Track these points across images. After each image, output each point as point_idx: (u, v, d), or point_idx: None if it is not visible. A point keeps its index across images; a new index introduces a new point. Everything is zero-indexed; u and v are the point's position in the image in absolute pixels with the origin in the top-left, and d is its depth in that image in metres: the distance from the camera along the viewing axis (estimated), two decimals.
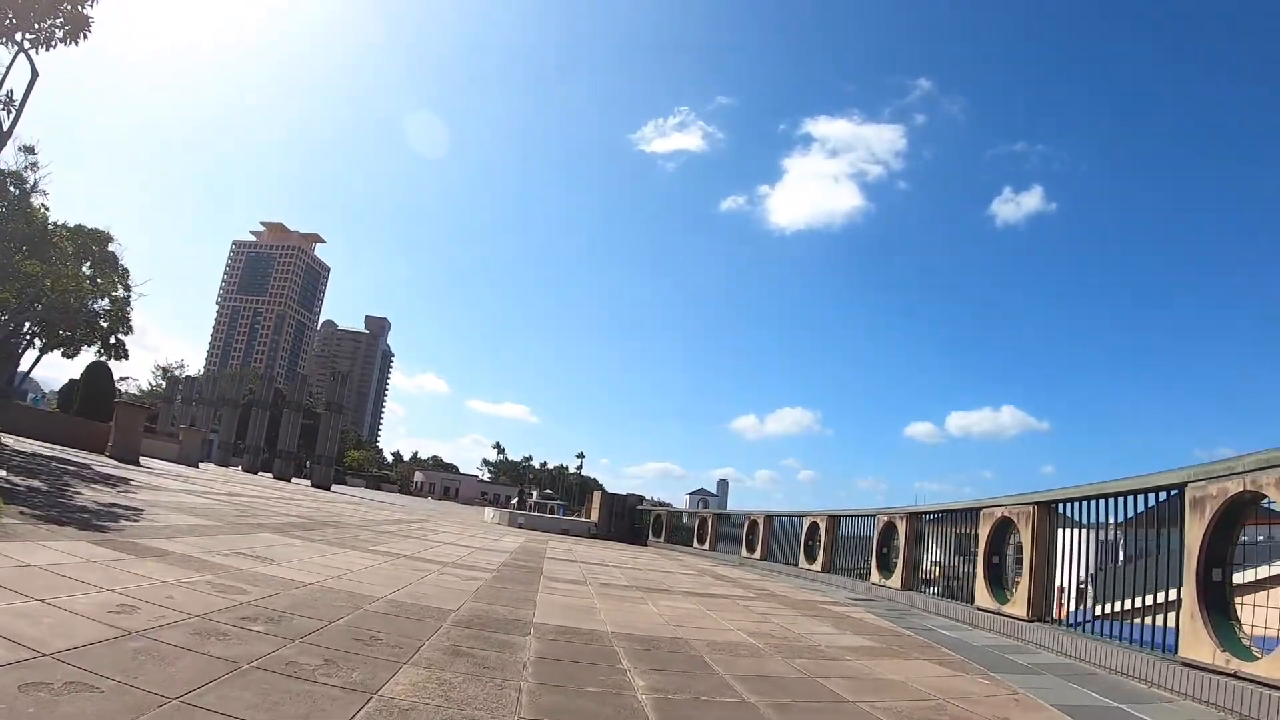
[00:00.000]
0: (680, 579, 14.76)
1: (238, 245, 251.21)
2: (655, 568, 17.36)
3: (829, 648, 8.00)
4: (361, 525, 16.51)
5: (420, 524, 21.19)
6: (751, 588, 14.63)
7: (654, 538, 32.02)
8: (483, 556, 13.38)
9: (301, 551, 9.82)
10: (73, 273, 16.78)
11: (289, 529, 12.56)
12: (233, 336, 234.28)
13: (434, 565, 10.67)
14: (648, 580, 13.47)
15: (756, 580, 16.95)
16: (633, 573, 14.75)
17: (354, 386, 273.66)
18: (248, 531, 11.13)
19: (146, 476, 19.37)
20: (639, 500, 35.09)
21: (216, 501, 15.80)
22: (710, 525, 27.82)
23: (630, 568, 16.16)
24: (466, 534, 19.90)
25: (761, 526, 24.16)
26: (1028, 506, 10.63)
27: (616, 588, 11.44)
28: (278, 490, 28.07)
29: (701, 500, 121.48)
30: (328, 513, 19.24)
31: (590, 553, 19.75)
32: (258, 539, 10.39)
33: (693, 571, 17.45)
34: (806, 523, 21.38)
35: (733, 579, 16.55)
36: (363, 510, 24.19)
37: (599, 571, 13.94)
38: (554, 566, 13.50)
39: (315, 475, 45.44)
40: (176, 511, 11.97)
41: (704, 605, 10.54)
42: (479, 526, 26.17)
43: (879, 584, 16.04)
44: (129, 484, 15.68)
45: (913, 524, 15.43)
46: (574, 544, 23.18)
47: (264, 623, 5.29)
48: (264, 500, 19.66)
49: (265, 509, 16.26)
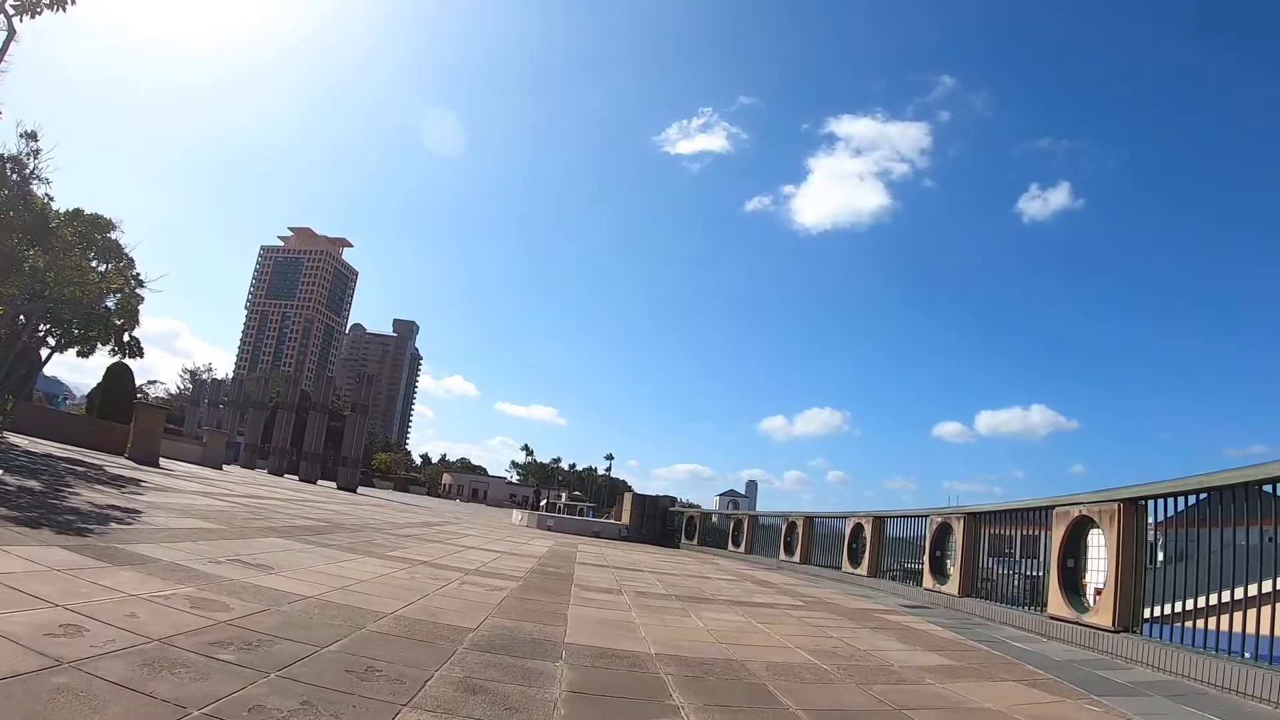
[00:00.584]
0: (720, 585, 13.71)
1: (266, 250, 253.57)
2: (692, 573, 16.33)
3: (903, 668, 6.92)
4: (382, 529, 15.64)
5: (445, 527, 20.32)
6: (798, 595, 13.54)
7: (686, 540, 30.96)
8: (509, 562, 12.42)
9: (308, 558, 8.91)
10: (76, 263, 16.07)
11: (301, 533, 11.68)
12: (262, 341, 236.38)
13: (455, 573, 9.72)
14: (686, 588, 12.43)
15: (801, 586, 15.87)
16: (669, 579, 13.72)
17: (383, 390, 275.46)
18: (253, 536, 10.26)
19: (161, 478, 18.68)
20: (671, 502, 34.04)
21: (229, 504, 15.01)
22: (746, 527, 26.71)
23: (666, 573, 15.14)
24: (493, 537, 18.99)
25: (801, 528, 23.03)
26: (1112, 504, 9.53)
27: (654, 597, 10.42)
28: (300, 492, 27.39)
29: (731, 501, 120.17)
30: (348, 515, 18.42)
31: (623, 556, 18.76)
32: (262, 544, 9.51)
33: (731, 577, 16.39)
34: (849, 524, 20.24)
35: (775, 585, 15.48)
36: (386, 513, 23.39)
37: (634, 578, 12.93)
38: (585, 573, 12.50)
39: (341, 477, 44.88)
40: (179, 514, 11.14)
41: (752, 617, 9.48)
42: (506, 530, 25.28)
43: (933, 589, 14.93)
44: (138, 485, 14.94)
45: (970, 525, 14.31)
46: (605, 547, 22.20)
47: (237, 649, 4.33)
48: (282, 502, 18.89)
49: (281, 511, 15.45)
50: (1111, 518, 9.48)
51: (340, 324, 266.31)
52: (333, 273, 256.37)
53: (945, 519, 15.34)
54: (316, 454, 47.32)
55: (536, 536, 22.70)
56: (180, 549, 7.74)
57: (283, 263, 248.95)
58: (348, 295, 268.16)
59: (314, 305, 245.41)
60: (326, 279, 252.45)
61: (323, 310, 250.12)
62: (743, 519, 27.21)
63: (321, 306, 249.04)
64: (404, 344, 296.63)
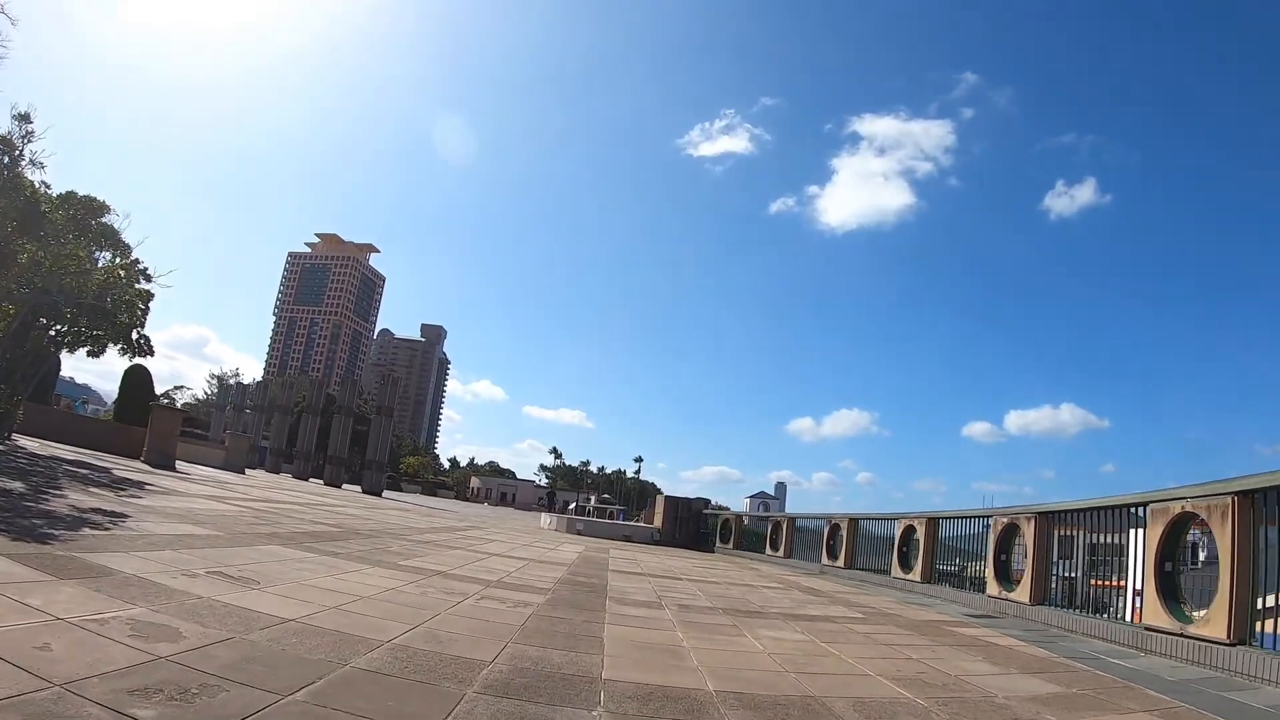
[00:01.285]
0: (768, 595, 12.45)
1: (293, 257, 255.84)
2: (733, 580, 15.09)
3: (1010, 699, 5.65)
4: (400, 534, 14.57)
5: (470, 532, 19.25)
6: (854, 604, 12.25)
7: (721, 544, 29.70)
8: (536, 571, 11.26)
9: (306, 570, 7.80)
10: (72, 250, 15.16)
11: (307, 540, 10.61)
12: (290, 347, 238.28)
13: (474, 585, 8.57)
14: (732, 598, 11.19)
15: (852, 594, 14.57)
16: (711, 588, 12.49)
17: (411, 394, 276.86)
18: (250, 543, 9.21)
19: (172, 482, 17.80)
20: (704, 504, 32.77)
21: (238, 508, 14.03)
22: (785, 530, 25.40)
23: (707, 581, 13.92)
24: (520, 543, 17.88)
25: (845, 531, 21.69)
26: (1224, 498, 8.28)
27: (699, 610, 9.21)
28: (321, 496, 26.49)
29: (762, 503, 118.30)
30: (366, 520, 17.40)
31: (658, 562, 17.57)
32: (256, 553, 8.43)
33: (776, 584, 15.13)
34: (900, 526, 18.91)
35: (825, 593, 14.20)
36: (408, 517, 22.38)
37: (673, 588, 11.72)
38: (620, 583, 11.31)
39: (366, 481, 44.10)
40: (173, 519, 10.12)
41: (814, 635, 8.22)
42: (535, 534, 24.18)
43: (1000, 597, 13.65)
44: (140, 489, 14.03)
45: (1043, 525, 13.02)
46: (638, 552, 21.02)
47: (163, 700, 3.19)
48: (298, 506, 17.93)
49: (293, 516, 14.44)
50: (1224, 514, 8.25)
51: (368, 329, 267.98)
52: (360, 278, 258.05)
53: (1012, 519, 14.05)
54: (342, 458, 46.59)
55: (566, 541, 21.58)
56: (153, 559, 6.66)
57: (310, 269, 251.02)
58: (375, 300, 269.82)
59: (341, 311, 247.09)
60: (354, 285, 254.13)
61: (350, 316, 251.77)
62: (781, 521, 25.91)
63: (349, 312, 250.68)
64: (432, 348, 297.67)
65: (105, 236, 17.49)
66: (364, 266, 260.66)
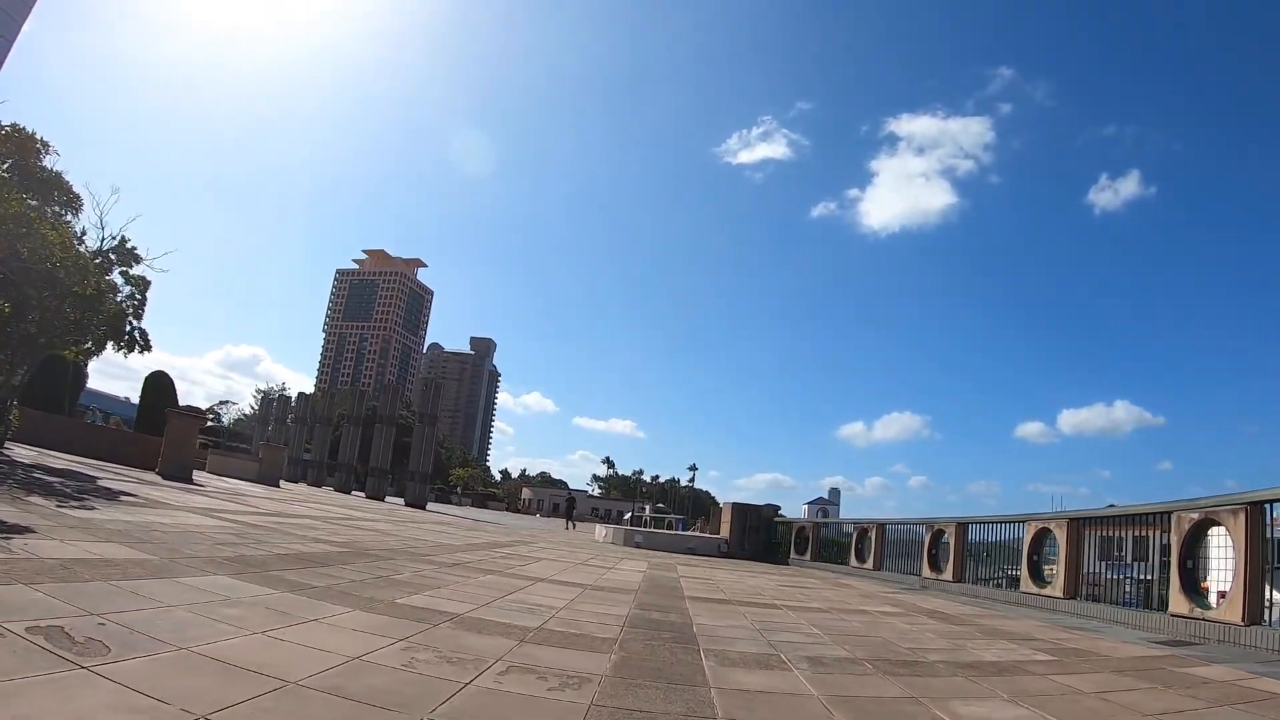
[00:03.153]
0: (900, 628, 9.26)
1: (341, 274, 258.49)
2: (837, 603, 11.90)
3: None
4: (423, 555, 11.72)
5: (513, 549, 16.37)
6: (1015, 637, 9.01)
7: (796, 555, 26.38)
8: (593, 607, 8.23)
9: (231, 619, 4.90)
10: (13, 200, 12.42)
11: (281, 567, 7.77)
12: (340, 363, 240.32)
13: (500, 641, 5.58)
14: (863, 639, 8.04)
15: (992, 618, 11.28)
16: (822, 619, 9.34)
17: (462, 407, 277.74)
18: (186, 574, 6.39)
19: (173, 494, 15.29)
20: (774, 511, 29.47)
21: (227, 524, 11.33)
22: (873, 539, 22.05)
23: (808, 607, 10.77)
24: (572, 561, 14.94)
25: (952, 538, 18.34)
26: None
27: (841, 668, 6.09)
28: (352, 510, 23.88)
29: (821, 510, 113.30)
30: (389, 537, 14.63)
31: (737, 582, 14.46)
32: (176, 588, 5.60)
33: (891, 607, 11.92)
34: (1029, 530, 15.57)
35: (959, 618, 10.95)
36: (446, 532, 19.61)
37: (777, 623, 8.61)
38: (708, 619, 8.22)
39: (409, 493, 41.59)
40: (95, 538, 7.37)
41: (1040, 709, 5.09)
42: (589, 548, 21.22)
43: (1191, 616, 10.54)
44: (115, 501, 11.55)
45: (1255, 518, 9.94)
46: (710, 569, 17.92)
47: None
48: (313, 522, 15.25)
49: (293, 534, 11.68)
50: None
51: (417, 343, 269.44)
52: (408, 293, 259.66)
53: (1206, 514, 10.87)
54: (384, 469, 44.26)
55: (625, 557, 18.57)
56: None
57: (358, 285, 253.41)
58: (424, 315, 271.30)
59: (390, 325, 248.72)
60: (402, 299, 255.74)
61: (399, 330, 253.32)
62: (869, 528, 22.55)
63: (398, 326, 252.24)
64: (482, 361, 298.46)
65: (49, 186, 14.86)
66: (412, 281, 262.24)
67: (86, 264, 14.67)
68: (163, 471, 22.22)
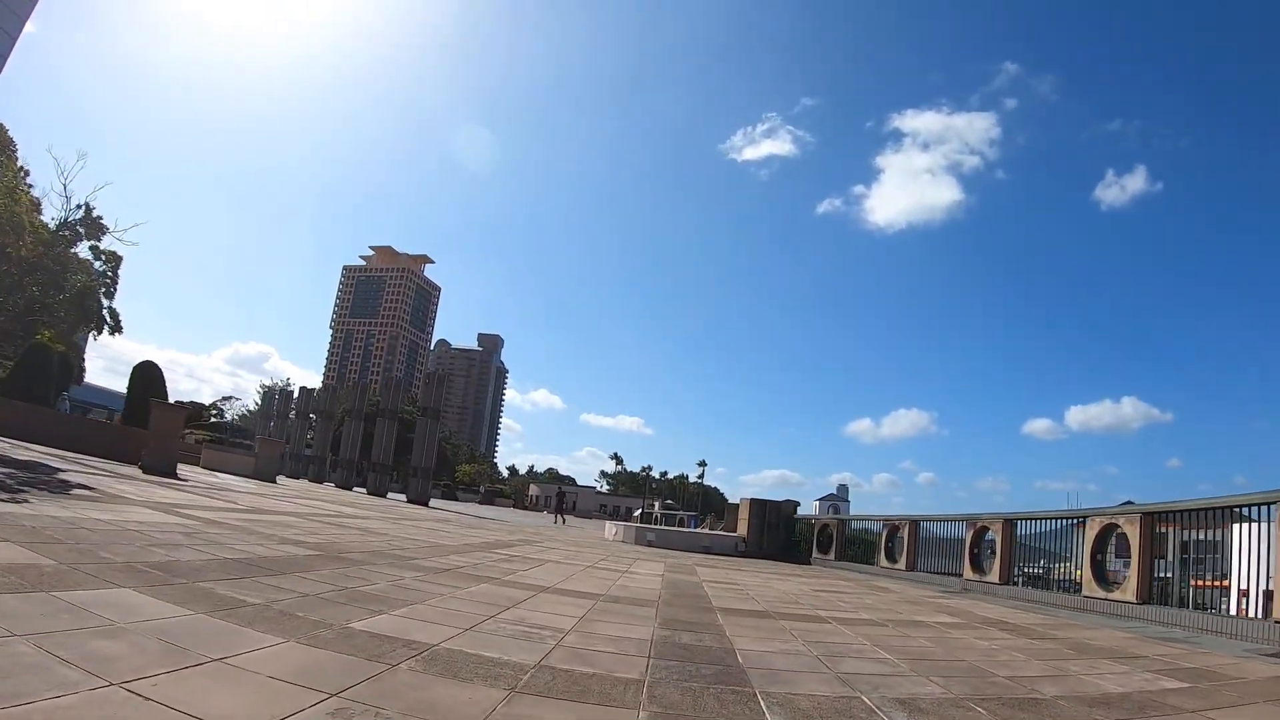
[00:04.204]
0: (981, 647, 7.64)
1: (348, 270, 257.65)
2: (892, 614, 10.27)
3: None
4: (407, 559, 10.15)
5: (516, 550, 14.82)
6: (1120, 656, 7.38)
7: (819, 554, 24.75)
8: (608, 629, 6.60)
9: (90, 655, 3.33)
10: None
11: (221, 576, 6.22)
12: (347, 359, 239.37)
13: (476, 693, 3.96)
14: (953, 664, 6.43)
15: (1072, 630, 9.64)
16: (890, 638, 7.72)
17: (470, 403, 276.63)
18: (85, 585, 4.85)
19: (147, 489, 13.83)
20: (794, 507, 27.82)
21: (183, 521, 9.81)
22: (905, 537, 20.41)
23: (865, 621, 9.15)
24: (580, 564, 13.37)
25: (999, 536, 16.72)
26: None
27: (950, 712, 4.49)
28: (346, 507, 22.35)
29: (832, 506, 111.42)
30: (376, 537, 13.10)
31: (769, 588, 12.86)
32: (52, 608, 4.04)
33: (953, 618, 10.30)
34: (1093, 528, 13.93)
35: (1041, 631, 9.32)
36: (443, 530, 18.06)
37: (839, 646, 6.99)
38: (755, 646, 6.57)
39: (411, 489, 40.06)
40: (15, 539, 5.85)
41: None
42: (599, 548, 19.65)
43: None
44: (64, 495, 10.12)
45: None
46: (732, 571, 16.33)
47: None
48: (294, 519, 13.73)
49: (258, 534, 10.14)
50: None
51: (425, 340, 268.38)
52: (415, 289, 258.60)
53: None
54: (386, 464, 42.74)
55: (638, 558, 16.98)
56: None
57: (365, 281, 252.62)
58: (431, 311, 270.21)
59: (397, 322, 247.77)
60: (409, 296, 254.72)
61: (406, 327, 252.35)
62: (900, 526, 20.91)
63: (405, 323, 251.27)
64: (489, 358, 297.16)
65: None
66: (419, 278, 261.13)
67: (48, 235, 13.20)
68: (146, 465, 20.79)
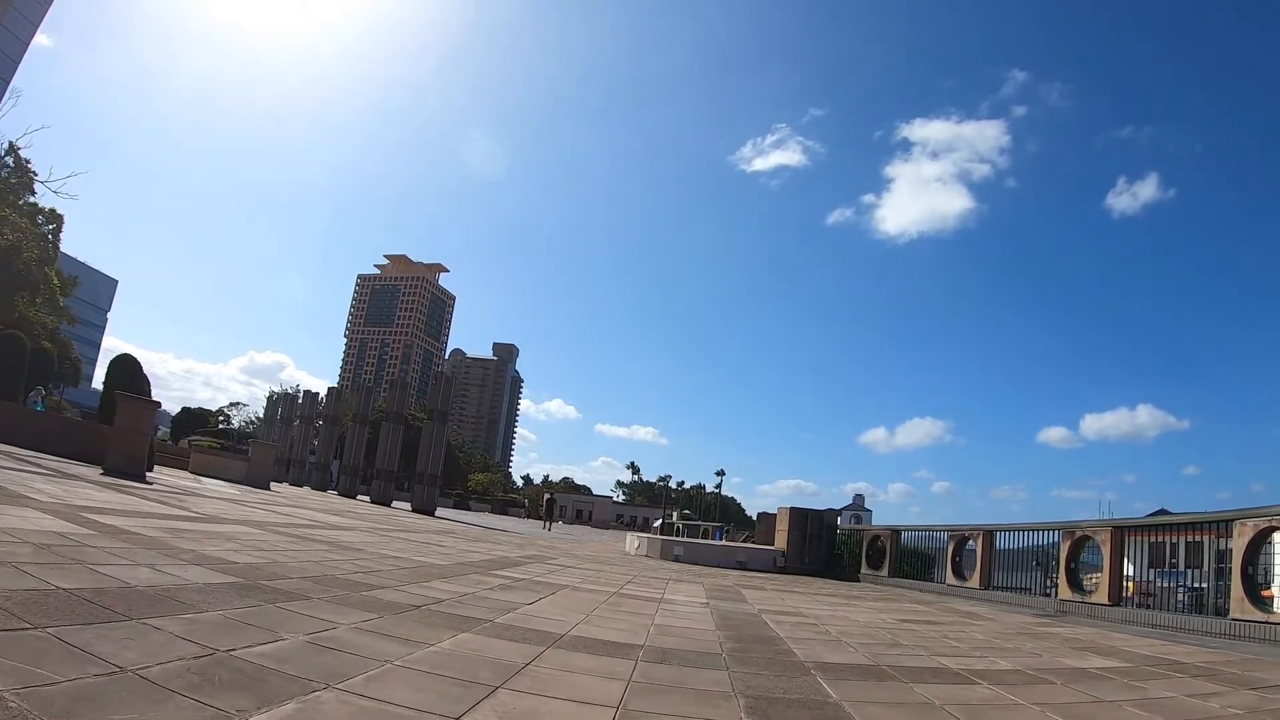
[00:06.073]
0: (1192, 702, 4.94)
1: (363, 279, 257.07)
2: (1037, 660, 7.50)
3: None
4: (370, 588, 7.48)
5: (522, 569, 12.18)
6: None
7: (869, 569, 21.99)
8: None
9: None
10: None
11: (43, 620, 3.60)
12: (361, 368, 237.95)
13: None
14: None
15: (1264, 672, 6.91)
16: (1084, 706, 5.03)
17: (484, 413, 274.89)
18: None
19: (85, 492, 11.29)
20: (835, 516, 25.07)
21: (90, 531, 7.24)
22: (978, 550, 17.61)
23: (1022, 675, 6.40)
24: (603, 589, 10.70)
25: (1106, 547, 13.91)
26: None
27: None
28: (337, 516, 19.76)
29: (854, 515, 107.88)
30: (346, 555, 10.49)
31: (844, 619, 10.13)
32: None
33: (1124, 663, 7.52)
34: (1240, 535, 11.15)
35: (1233, 676, 6.57)
36: (436, 546, 15.45)
37: None
38: None
39: (416, 498, 37.47)
40: None
41: None
42: (622, 565, 16.97)
43: None
44: None
45: None
46: (786, 594, 13.63)
47: None
48: (250, 530, 11.14)
49: (184, 549, 7.53)
50: None
51: (439, 349, 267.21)
52: (430, 298, 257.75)
53: None
54: (391, 471, 40.21)
55: (670, 577, 14.31)
56: None
57: (379, 290, 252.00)
58: (446, 320, 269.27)
59: (412, 331, 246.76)
60: (424, 305, 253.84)
61: (421, 336, 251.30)
62: (971, 536, 18.10)
63: (420, 332, 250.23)
64: (504, 367, 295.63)
65: None
66: (434, 286, 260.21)
67: None
68: (111, 467, 18.41)
